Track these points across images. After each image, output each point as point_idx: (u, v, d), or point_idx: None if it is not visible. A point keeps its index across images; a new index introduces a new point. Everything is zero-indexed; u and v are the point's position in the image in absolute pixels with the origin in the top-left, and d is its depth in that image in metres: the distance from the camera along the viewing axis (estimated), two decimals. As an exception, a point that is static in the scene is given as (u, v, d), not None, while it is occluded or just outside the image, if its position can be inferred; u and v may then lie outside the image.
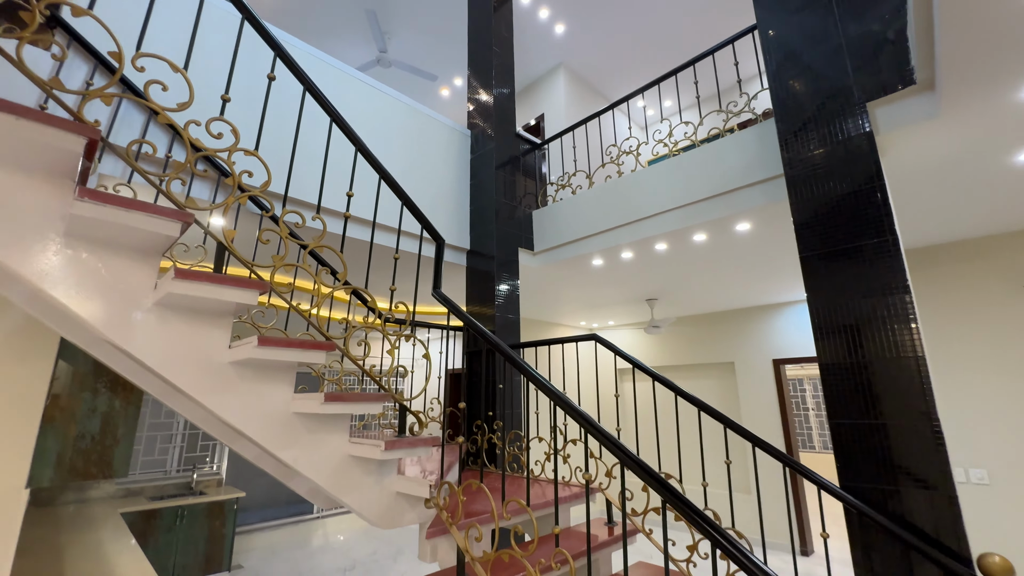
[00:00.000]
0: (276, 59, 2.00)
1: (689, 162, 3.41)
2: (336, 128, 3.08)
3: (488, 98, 4.54)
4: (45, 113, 1.31)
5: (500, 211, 4.26)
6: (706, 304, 6.39)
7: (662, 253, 4.02)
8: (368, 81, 3.81)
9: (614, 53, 6.31)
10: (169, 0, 2.65)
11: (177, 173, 1.64)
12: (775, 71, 2.62)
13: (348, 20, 6.09)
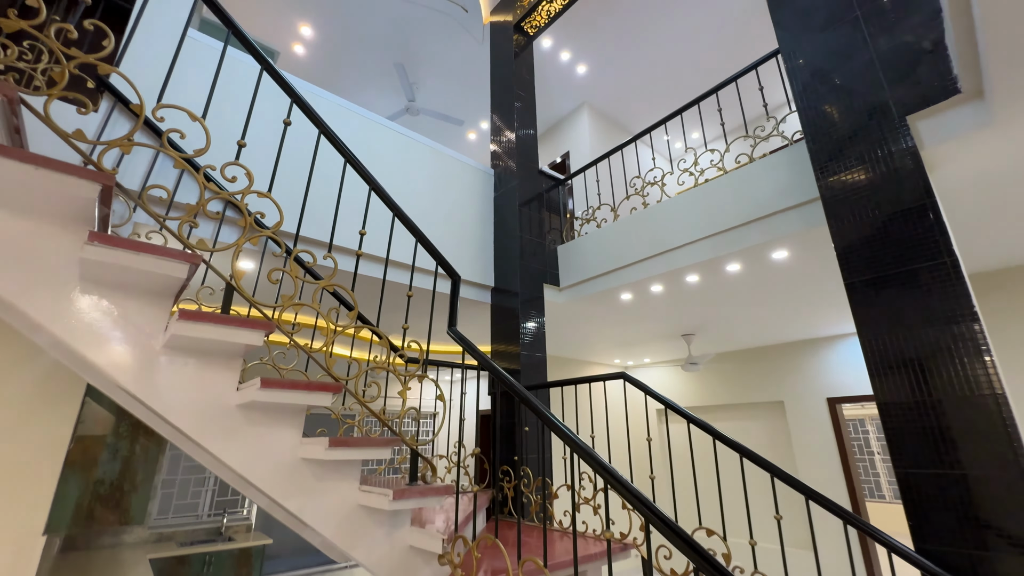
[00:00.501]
0: (292, 105, 2.07)
1: (717, 190, 3.28)
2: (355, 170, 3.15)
3: (510, 138, 4.60)
4: (60, 162, 1.36)
5: (524, 247, 4.21)
6: (748, 339, 6.03)
7: (694, 285, 3.83)
8: (391, 126, 3.94)
9: (636, 88, 6.34)
10: (196, 54, 2.83)
11: (189, 215, 1.67)
12: (802, 91, 2.50)
13: (379, 74, 6.43)
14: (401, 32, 5.80)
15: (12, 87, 1.35)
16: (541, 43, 5.76)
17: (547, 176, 4.85)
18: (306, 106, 2.02)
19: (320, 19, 5.61)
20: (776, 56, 3.15)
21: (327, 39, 5.88)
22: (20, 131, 1.51)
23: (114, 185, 1.47)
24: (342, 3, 5.39)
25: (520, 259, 4.13)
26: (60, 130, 1.51)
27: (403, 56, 6.10)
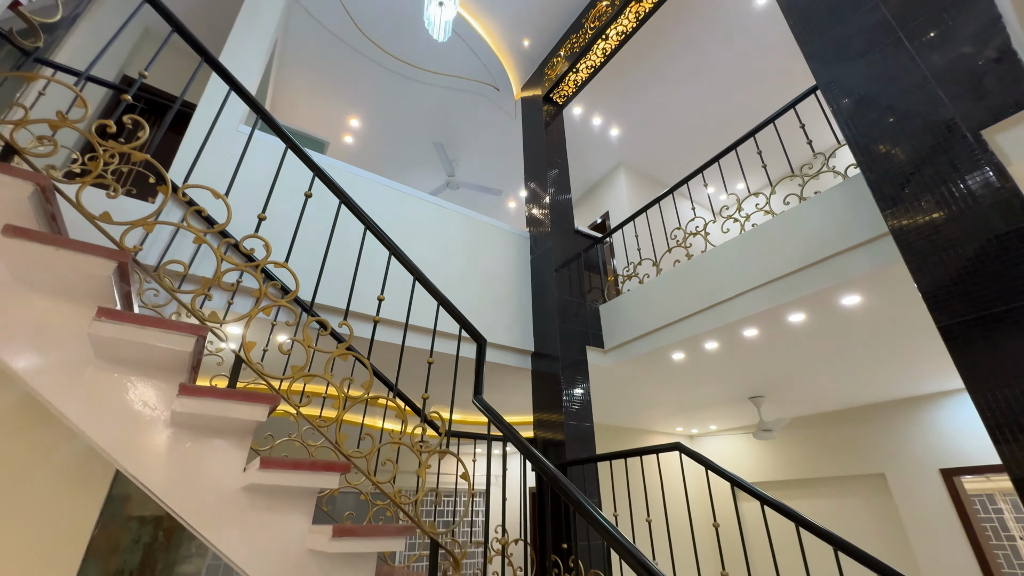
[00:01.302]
0: (313, 178, 2.12)
1: (766, 234, 3.01)
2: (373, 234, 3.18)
3: (545, 201, 4.60)
4: (77, 241, 1.40)
5: (564, 309, 4.03)
6: (830, 400, 5.31)
7: (754, 340, 3.44)
8: (425, 197, 4.05)
9: (671, 144, 6.31)
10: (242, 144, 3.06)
11: (204, 289, 1.66)
12: (848, 120, 2.29)
13: (421, 153, 6.84)
14: (439, 114, 6.20)
15: (44, 176, 1.44)
16: (572, 111, 5.93)
17: (584, 235, 4.76)
18: (325, 177, 2.06)
19: (366, 111, 6.13)
20: (815, 92, 2.98)
21: (373, 127, 6.39)
22: (56, 218, 1.60)
23: (129, 262, 1.50)
24: (385, 95, 5.88)
25: (559, 321, 3.94)
26: (87, 213, 1.58)
27: (442, 135, 6.48)
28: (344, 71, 5.49)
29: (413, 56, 5.38)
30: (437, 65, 5.50)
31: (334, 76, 5.55)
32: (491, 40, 5.25)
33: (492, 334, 3.85)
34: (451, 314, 2.21)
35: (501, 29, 5.13)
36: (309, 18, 4.81)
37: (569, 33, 4.96)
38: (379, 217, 3.63)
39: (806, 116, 3.29)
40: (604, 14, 4.51)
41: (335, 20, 4.89)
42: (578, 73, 4.97)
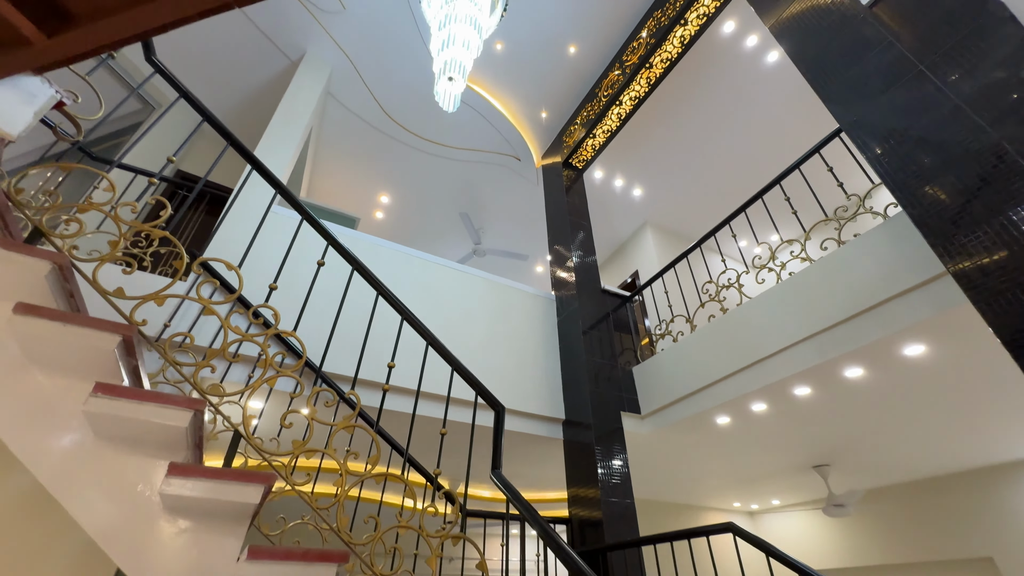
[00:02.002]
0: (327, 247, 2.14)
1: (807, 283, 2.80)
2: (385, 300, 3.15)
3: (569, 262, 4.55)
4: (82, 316, 1.41)
5: (596, 373, 3.81)
6: (914, 467, 4.66)
7: (809, 400, 3.10)
8: (448, 264, 4.07)
9: (695, 199, 6.26)
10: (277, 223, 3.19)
11: (208, 360, 1.63)
12: (879, 158, 2.16)
13: (448, 224, 7.06)
14: (464, 186, 6.45)
15: (62, 255, 1.49)
16: (593, 174, 6.04)
17: (612, 295, 4.62)
18: (337, 244, 2.08)
19: (395, 188, 6.46)
20: (839, 134, 2.88)
21: (402, 202, 6.70)
22: (74, 296, 1.64)
23: (133, 335, 1.49)
24: (412, 172, 6.21)
25: (591, 386, 3.71)
26: (100, 288, 1.61)
27: (467, 206, 6.70)
28: (374, 152, 5.86)
29: (437, 134, 5.71)
30: (460, 140, 5.80)
31: (365, 157, 5.93)
32: (510, 114, 5.53)
33: (519, 402, 3.66)
34: (466, 379, 2.08)
35: (519, 104, 5.41)
36: (341, 107, 5.23)
37: (584, 102, 5.16)
38: (400, 285, 3.64)
39: (834, 158, 3.17)
40: (616, 82, 4.69)
41: (365, 106, 5.30)
42: (595, 138, 5.10)
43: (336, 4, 4.32)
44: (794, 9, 2.82)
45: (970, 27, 1.94)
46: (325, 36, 4.58)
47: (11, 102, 1.54)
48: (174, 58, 4.55)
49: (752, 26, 4.42)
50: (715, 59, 4.69)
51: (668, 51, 4.29)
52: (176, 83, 2.18)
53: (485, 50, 4.84)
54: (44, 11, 1.39)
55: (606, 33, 4.64)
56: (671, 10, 4.12)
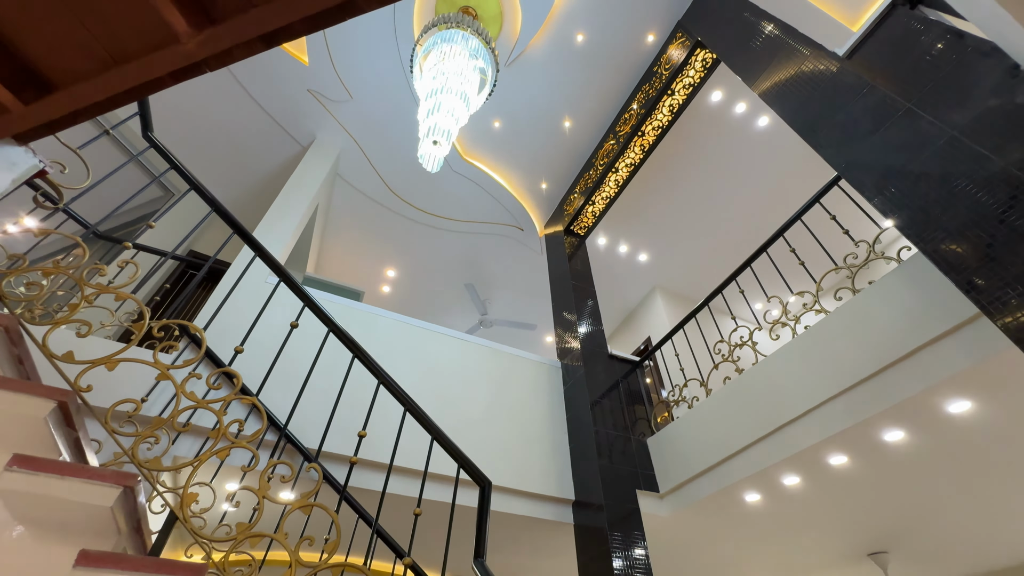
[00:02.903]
0: (304, 308, 2.05)
1: (825, 335, 2.57)
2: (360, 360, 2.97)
3: (574, 328, 4.38)
4: (10, 379, 1.30)
5: (608, 446, 3.49)
6: (989, 553, 4.00)
7: (846, 470, 2.72)
8: (447, 332, 3.94)
9: (701, 261, 6.16)
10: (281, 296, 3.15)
11: (151, 430, 1.47)
12: (880, 197, 2.05)
13: (454, 295, 7.04)
14: (468, 258, 6.50)
15: (9, 316, 1.42)
16: (596, 241, 6.05)
17: (621, 360, 4.38)
18: (310, 302, 1.98)
19: (401, 262, 6.55)
20: (838, 182, 2.81)
21: (407, 276, 6.75)
22: (23, 361, 1.55)
23: (70, 402, 1.36)
24: (417, 246, 6.31)
25: (603, 460, 3.38)
26: (48, 352, 1.52)
27: (472, 277, 6.70)
28: (380, 228, 6.02)
29: (441, 208, 5.86)
30: (463, 213, 5.94)
31: (371, 233, 6.08)
32: (511, 186, 5.68)
33: (523, 481, 3.32)
34: (447, 449, 1.87)
35: (519, 176, 5.57)
36: (349, 186, 5.46)
37: (582, 171, 5.29)
38: (397, 356, 3.50)
39: (836, 207, 3.07)
40: (611, 151, 4.82)
41: (371, 185, 5.52)
42: (594, 205, 5.15)
43: (344, 93, 4.66)
44: (776, 75, 2.88)
45: (952, 62, 1.91)
46: (334, 122, 4.89)
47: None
48: (189, 144, 4.86)
49: (739, 94, 4.59)
50: (707, 124, 4.83)
51: (659, 119, 4.43)
52: (168, 156, 2.25)
53: (484, 127, 5.09)
54: (22, 80, 1.45)
55: (598, 106, 4.86)
56: (658, 82, 4.31)
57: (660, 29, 4.30)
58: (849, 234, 2.65)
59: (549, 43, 4.45)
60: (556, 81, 4.71)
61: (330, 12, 1.34)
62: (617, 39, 4.39)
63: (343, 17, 1.38)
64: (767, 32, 3.11)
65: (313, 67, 4.50)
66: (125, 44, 1.36)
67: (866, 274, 3.16)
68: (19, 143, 1.62)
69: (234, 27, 1.30)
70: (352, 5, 1.35)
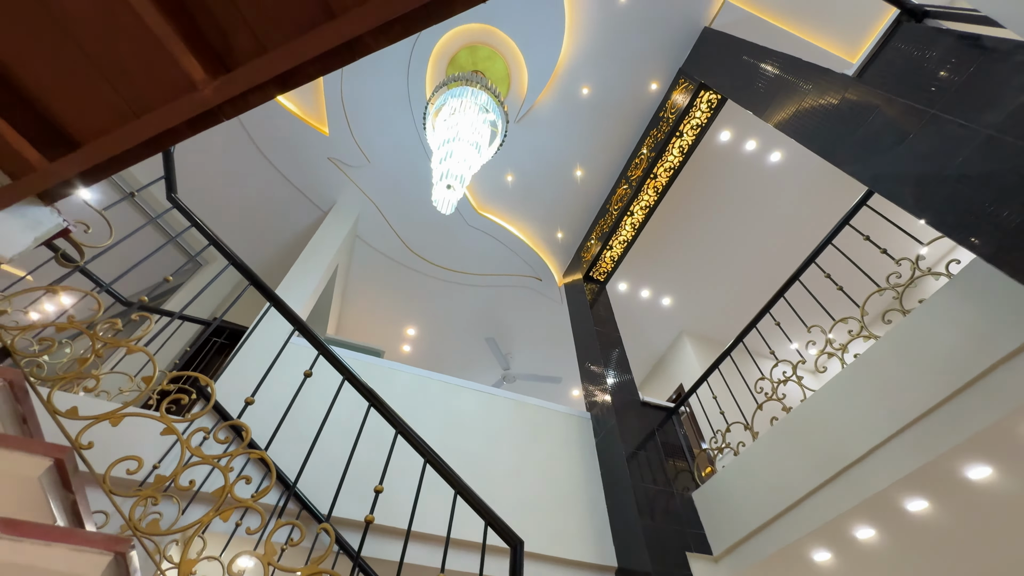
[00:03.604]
0: (318, 356, 1.97)
1: (879, 361, 2.35)
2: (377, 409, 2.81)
3: (602, 376, 4.18)
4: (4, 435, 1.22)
5: (650, 504, 3.18)
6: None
7: (929, 517, 2.37)
8: (469, 385, 3.79)
9: (728, 302, 5.94)
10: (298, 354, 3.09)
11: (153, 490, 1.36)
12: (919, 206, 1.93)
13: (476, 351, 6.90)
14: (488, 311, 6.43)
15: (15, 371, 1.37)
16: (617, 287, 5.93)
17: (654, 407, 4.11)
18: (325, 350, 1.90)
19: (420, 319, 6.51)
20: (866, 201, 2.70)
21: (427, 333, 6.68)
22: (28, 421, 1.48)
23: (66, 459, 1.27)
24: (436, 302, 6.30)
25: (645, 520, 3.06)
26: (52, 407, 1.45)
27: (493, 330, 6.59)
28: (399, 286, 6.05)
29: (458, 263, 5.89)
30: (480, 267, 5.95)
31: (390, 292, 6.11)
32: (527, 238, 5.71)
33: (558, 546, 3.01)
34: (473, 505, 1.68)
35: (534, 227, 5.61)
36: (368, 247, 5.56)
37: (597, 218, 5.30)
38: (417, 413, 3.35)
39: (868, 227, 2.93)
40: (625, 196, 4.84)
41: (389, 244, 5.62)
42: (612, 250, 5.10)
43: (361, 158, 4.87)
44: (787, 105, 2.88)
45: (972, 65, 1.86)
46: (352, 186, 5.07)
47: (13, 228, 1.59)
48: (214, 215, 5.06)
49: (748, 131, 4.62)
50: (719, 164, 4.84)
51: (670, 160, 4.46)
52: (190, 215, 2.29)
53: (497, 181, 5.21)
54: (48, 138, 1.50)
55: (608, 154, 4.95)
56: (665, 126, 4.39)
57: (662, 77, 4.44)
58: (888, 252, 2.50)
59: (556, 98, 4.63)
60: (565, 133, 4.85)
61: (339, 52, 1.37)
62: (621, 90, 4.54)
63: (352, 56, 1.41)
64: (770, 71, 3.15)
65: (333, 136, 4.75)
66: (145, 96, 1.40)
67: (914, 293, 2.95)
68: (44, 202, 1.66)
69: (248, 72, 1.33)
70: (360, 43, 1.38)
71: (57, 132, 1.48)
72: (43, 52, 1.37)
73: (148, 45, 1.33)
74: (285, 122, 4.55)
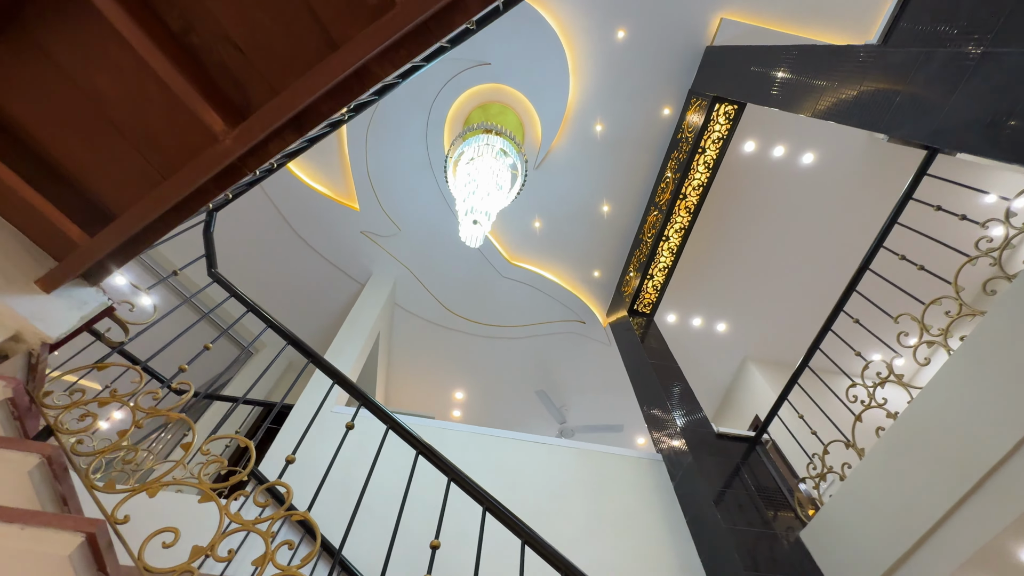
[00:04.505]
0: (360, 407, 1.85)
1: (996, 341, 2.00)
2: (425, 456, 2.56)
3: (666, 412, 3.83)
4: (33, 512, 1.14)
5: (750, 550, 2.74)
6: None
7: (1120, 528, 1.87)
8: (524, 437, 3.55)
9: (786, 317, 5.49)
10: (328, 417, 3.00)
11: (190, 561, 1.23)
12: (998, 146, 1.71)
13: (530, 408, 6.59)
14: (535, 363, 6.20)
15: (53, 446, 1.32)
16: (666, 319, 5.64)
17: (733, 440, 3.68)
18: (369, 401, 1.79)
19: (468, 381, 6.35)
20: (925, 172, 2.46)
21: (477, 395, 6.48)
22: (67, 502, 1.41)
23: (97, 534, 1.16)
24: (482, 361, 6.16)
25: (749, 573, 2.61)
26: (90, 482, 1.38)
27: (543, 383, 6.32)
28: (441, 348, 5.98)
29: (498, 317, 5.80)
30: (521, 318, 5.83)
31: (433, 355, 6.04)
32: (563, 282, 5.59)
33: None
34: (541, 551, 1.44)
35: (570, 270, 5.51)
36: (407, 313, 5.59)
37: (632, 249, 5.16)
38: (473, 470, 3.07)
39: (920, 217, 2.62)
40: (656, 222, 4.71)
41: (428, 307, 5.63)
42: (653, 279, 4.90)
43: (392, 227, 5.02)
44: (816, 93, 2.77)
45: None
46: (386, 256, 5.20)
47: (60, 308, 1.63)
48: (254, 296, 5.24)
49: (774, 137, 4.49)
50: (750, 176, 4.68)
51: (697, 178, 4.35)
52: (231, 288, 2.34)
53: (525, 229, 5.21)
54: (88, 215, 1.56)
55: (632, 184, 4.90)
56: (685, 145, 4.33)
57: (673, 101, 4.45)
58: (968, 218, 2.22)
59: (571, 140, 4.71)
60: (586, 171, 4.87)
61: (348, 84, 1.39)
62: (634, 120, 4.57)
63: (362, 87, 1.43)
64: (786, 66, 3.08)
65: (363, 210, 4.96)
66: (171, 157, 1.45)
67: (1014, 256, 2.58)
68: (88, 283, 1.71)
69: (264, 117, 1.36)
70: (367, 72, 1.40)
71: (94, 206, 1.54)
72: (80, 132, 1.46)
73: (172, 107, 1.39)
74: (318, 203, 4.81)
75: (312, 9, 1.30)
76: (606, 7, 3.98)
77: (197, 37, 1.34)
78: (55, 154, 1.48)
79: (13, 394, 1.45)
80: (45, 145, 1.47)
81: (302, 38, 1.33)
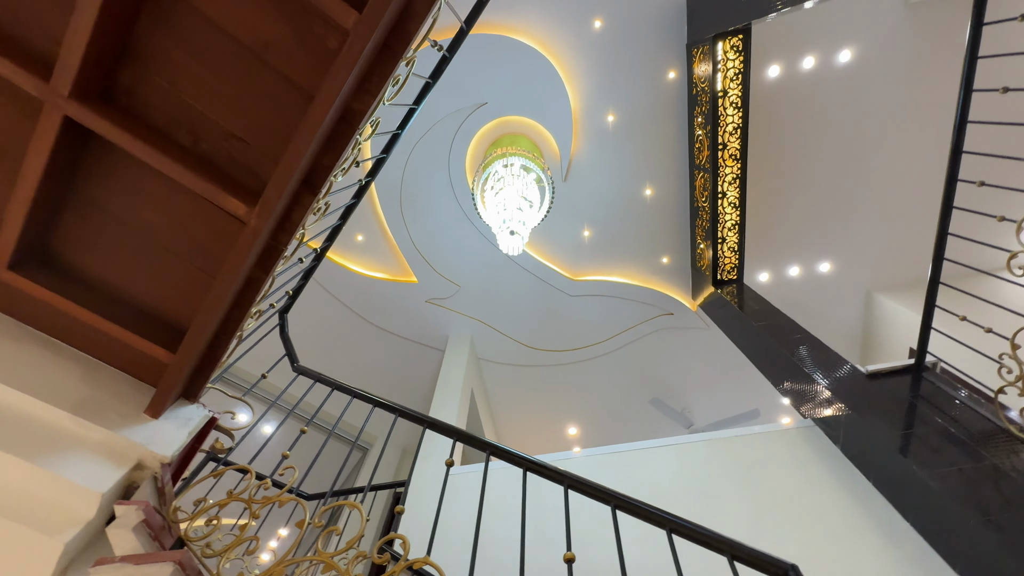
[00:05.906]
0: (454, 442, 1.77)
1: None
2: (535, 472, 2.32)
3: (797, 369, 3.36)
4: None
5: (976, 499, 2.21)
6: None
7: None
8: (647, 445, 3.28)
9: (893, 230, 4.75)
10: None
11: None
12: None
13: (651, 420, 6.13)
14: (637, 372, 5.83)
15: (183, 552, 1.36)
16: (757, 279, 5.13)
17: (889, 375, 3.11)
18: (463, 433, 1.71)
19: (576, 413, 6.10)
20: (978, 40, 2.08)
21: (590, 424, 6.18)
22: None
23: None
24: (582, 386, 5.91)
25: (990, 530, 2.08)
26: None
27: (654, 389, 5.89)
28: (538, 388, 5.83)
29: (582, 338, 5.60)
30: (606, 331, 5.57)
31: (532, 396, 5.89)
32: (634, 280, 5.33)
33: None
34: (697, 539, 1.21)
35: (636, 266, 5.26)
36: (492, 363, 5.56)
37: (692, 220, 4.84)
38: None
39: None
40: (706, 183, 4.41)
41: (512, 352, 5.56)
42: (726, 241, 4.52)
43: (452, 287, 5.14)
44: None
45: None
46: (455, 315, 5.29)
47: (170, 429, 1.75)
48: None
49: (798, 51, 4.13)
50: (788, 98, 4.31)
51: (731, 122, 4.06)
52: (319, 376, 2.43)
53: (576, 242, 5.11)
54: (161, 333, 1.70)
55: (666, 158, 4.68)
56: (704, 96, 4.09)
57: (676, 62, 4.29)
58: None
59: (589, 140, 4.65)
60: (614, 165, 4.74)
61: (338, 130, 1.44)
62: (643, 97, 4.44)
63: (350, 129, 1.47)
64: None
65: (421, 281, 5.14)
66: (216, 256, 1.58)
67: None
68: (189, 400, 1.85)
69: (275, 185, 1.43)
70: (349, 112, 1.43)
71: (170, 325, 1.68)
72: (143, 265, 1.62)
73: (203, 210, 1.52)
74: (381, 289, 5.07)
75: (285, 75, 1.38)
76: (573, 6, 4.02)
77: (206, 144, 1.48)
78: (132, 291, 1.67)
79: (145, 515, 1.55)
80: (121, 287, 1.65)
81: (287, 104, 1.42)
